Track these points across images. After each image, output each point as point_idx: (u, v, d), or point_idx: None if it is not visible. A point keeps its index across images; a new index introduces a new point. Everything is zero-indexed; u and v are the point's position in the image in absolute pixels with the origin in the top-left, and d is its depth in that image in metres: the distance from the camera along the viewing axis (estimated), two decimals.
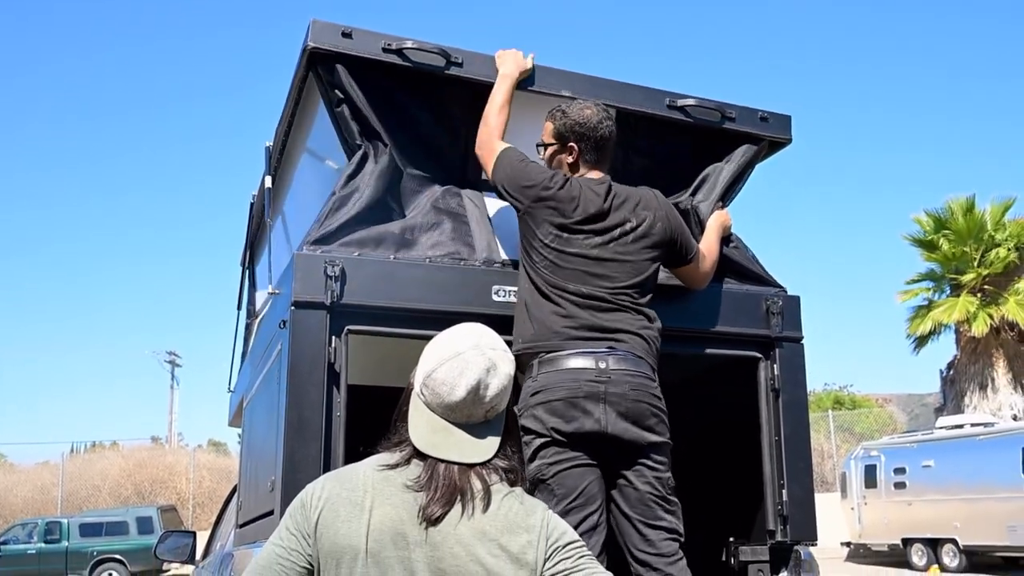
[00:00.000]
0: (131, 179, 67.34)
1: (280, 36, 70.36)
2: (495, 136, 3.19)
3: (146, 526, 20.06)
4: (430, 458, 1.85)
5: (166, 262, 71.99)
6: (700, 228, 3.54)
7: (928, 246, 23.12)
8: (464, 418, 1.87)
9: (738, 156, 3.70)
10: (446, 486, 1.82)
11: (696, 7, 70.45)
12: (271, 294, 3.38)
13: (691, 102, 3.57)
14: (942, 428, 19.09)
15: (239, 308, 5.57)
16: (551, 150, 3.23)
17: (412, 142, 3.33)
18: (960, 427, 18.53)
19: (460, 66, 3.26)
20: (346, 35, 3.14)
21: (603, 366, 2.93)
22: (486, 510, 1.81)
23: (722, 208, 3.62)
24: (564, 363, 2.95)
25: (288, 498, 1.96)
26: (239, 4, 73.24)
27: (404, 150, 3.29)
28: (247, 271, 5.43)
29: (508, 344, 2.01)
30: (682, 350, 3.40)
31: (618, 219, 3.08)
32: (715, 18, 68.12)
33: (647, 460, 2.98)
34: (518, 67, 3.30)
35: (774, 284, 3.63)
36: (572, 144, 3.18)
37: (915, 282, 23.82)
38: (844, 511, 20.21)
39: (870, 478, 19.66)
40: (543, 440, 2.91)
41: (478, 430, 1.88)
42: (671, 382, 3.23)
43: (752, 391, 3.52)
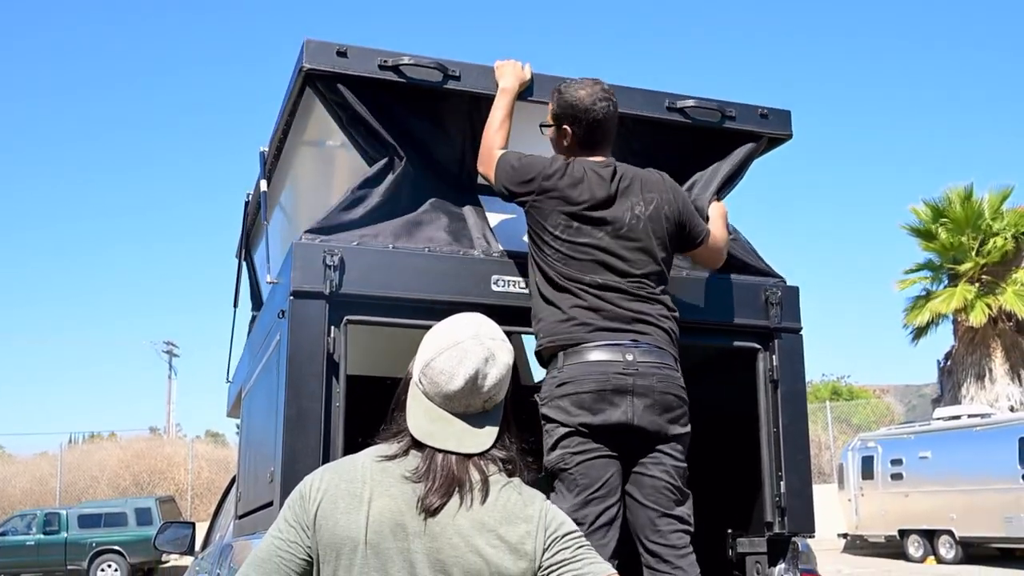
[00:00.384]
0: (129, 168, 67.29)
1: (280, 26, 70.21)
2: (494, 148, 3.18)
3: (145, 517, 20.07)
4: (428, 448, 1.85)
5: (164, 252, 71.91)
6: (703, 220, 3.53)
7: (926, 236, 23.13)
8: (462, 408, 1.87)
9: (738, 153, 3.68)
10: (444, 477, 1.82)
11: None
12: (270, 284, 3.38)
13: (691, 103, 3.54)
14: (939, 419, 19.16)
15: (235, 304, 5.57)
16: (550, 131, 3.22)
17: (416, 152, 3.33)
18: (957, 418, 18.60)
19: (458, 79, 3.24)
20: (341, 54, 3.12)
21: (630, 358, 2.93)
22: (484, 501, 1.81)
23: (718, 201, 3.61)
24: (590, 355, 2.93)
25: (287, 489, 1.96)
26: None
27: (410, 160, 3.29)
28: (243, 264, 5.43)
29: (508, 335, 2.00)
30: (680, 341, 3.40)
31: (626, 205, 3.05)
32: (712, 6, 68.07)
33: (668, 450, 2.99)
34: (517, 79, 3.27)
35: (773, 275, 3.62)
36: (566, 127, 3.15)
37: (913, 272, 23.87)
38: (841, 502, 20.28)
39: (867, 469, 19.72)
40: (567, 430, 2.91)
41: (476, 420, 1.88)
42: None
43: (750, 382, 3.52)
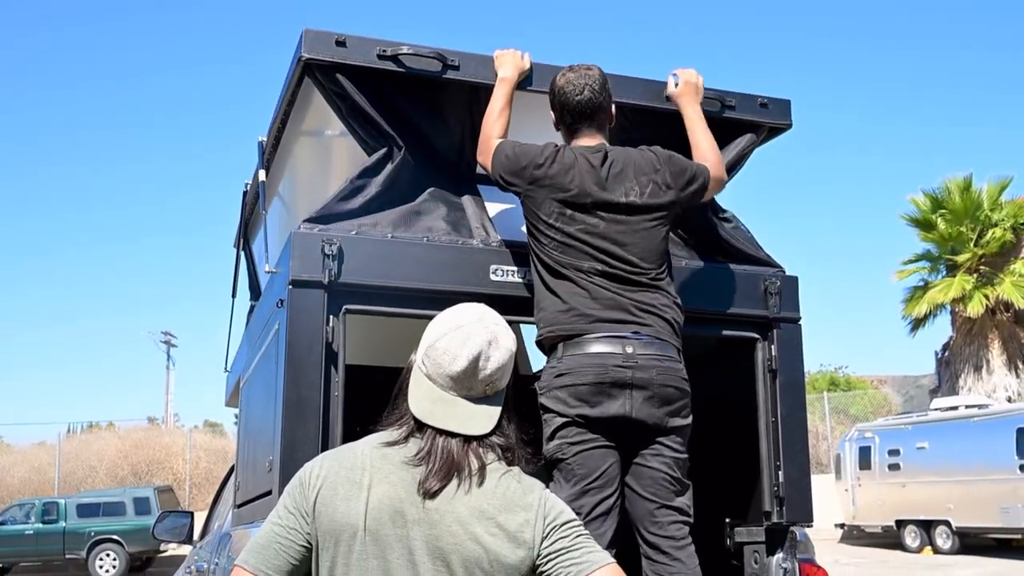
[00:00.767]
0: (127, 156, 67.17)
1: (279, 16, 70.04)
2: (492, 138, 3.17)
3: (143, 506, 20.08)
4: (429, 431, 1.86)
5: (162, 242, 71.85)
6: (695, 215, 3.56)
7: (924, 226, 23.13)
8: (464, 391, 1.88)
9: (737, 143, 3.67)
10: (444, 460, 1.82)
11: None
12: (269, 273, 3.38)
13: None
14: (937, 410, 19.19)
15: (233, 294, 5.57)
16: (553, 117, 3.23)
17: (415, 142, 3.32)
18: (955, 409, 18.63)
19: (457, 69, 3.23)
20: (340, 43, 3.11)
21: (630, 351, 2.91)
22: (483, 488, 1.82)
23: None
24: (590, 347, 2.92)
25: (286, 478, 1.97)
26: None
27: (409, 150, 3.28)
28: (241, 254, 5.43)
29: (508, 324, 2.01)
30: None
31: (620, 190, 3.03)
32: None
33: (667, 442, 2.98)
34: (516, 69, 3.25)
35: (772, 264, 3.62)
36: (553, 112, 3.18)
37: (911, 262, 23.87)
38: (838, 492, 20.33)
39: (864, 460, 19.77)
40: (564, 420, 2.90)
41: (478, 404, 1.89)
42: None
43: (749, 372, 3.52)
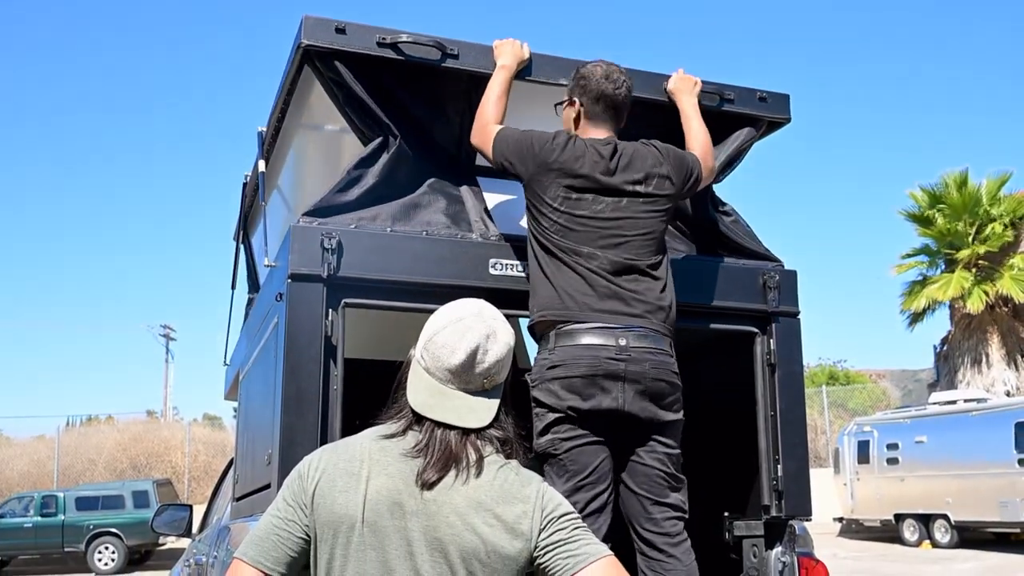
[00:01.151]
0: (125, 151, 67.10)
1: (277, 5, 69.91)
2: (491, 122, 3.16)
3: (142, 500, 20.08)
4: (427, 423, 1.87)
5: (161, 235, 71.87)
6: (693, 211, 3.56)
7: (923, 221, 23.12)
8: (462, 384, 1.89)
9: (736, 137, 3.68)
10: (442, 451, 1.83)
11: None
12: (268, 267, 3.37)
13: None
14: (935, 404, 19.20)
15: (233, 287, 5.57)
16: (564, 107, 3.23)
17: (413, 132, 3.31)
18: (953, 403, 18.63)
19: (456, 58, 3.23)
20: (339, 30, 3.10)
21: (623, 343, 2.90)
22: (481, 480, 1.83)
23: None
24: (583, 338, 2.91)
25: (285, 471, 1.97)
26: None
27: (407, 140, 3.27)
28: (241, 247, 5.42)
29: (507, 318, 2.01)
30: (678, 324, 3.40)
31: (627, 180, 3.04)
32: None
33: (660, 437, 2.98)
34: (516, 58, 3.25)
35: (771, 258, 3.62)
36: (575, 99, 3.18)
37: (910, 256, 23.87)
38: (837, 487, 20.34)
39: (863, 454, 19.78)
40: (557, 415, 2.90)
41: (476, 397, 1.90)
42: None
43: (748, 366, 3.52)
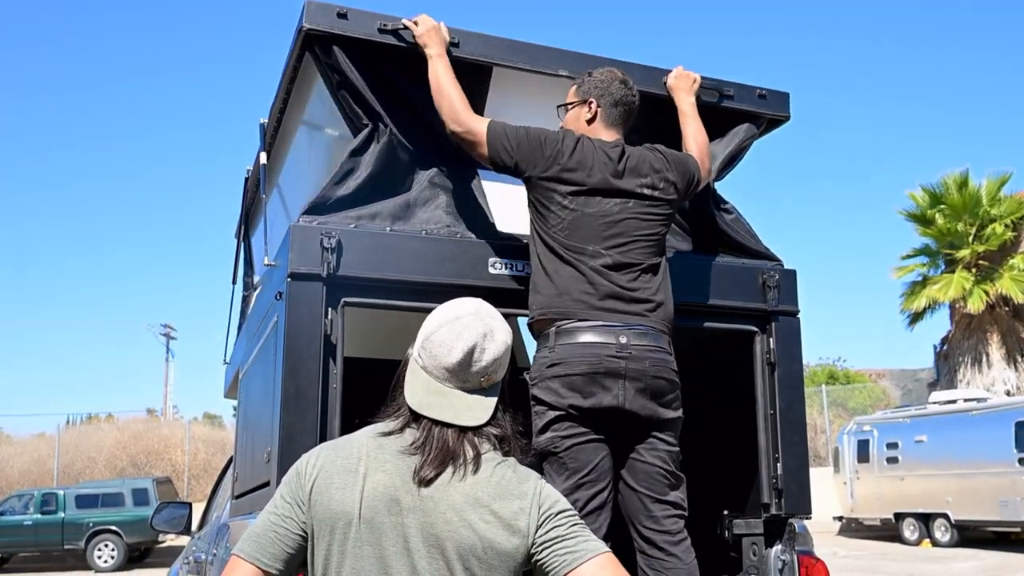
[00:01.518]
0: (126, 149, 67.07)
1: (275, 9, 69.83)
2: (468, 111, 3.10)
3: (142, 498, 20.08)
4: (425, 421, 1.88)
5: (162, 234, 71.85)
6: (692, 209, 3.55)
7: (923, 221, 23.11)
8: (460, 383, 1.89)
9: (736, 134, 3.68)
10: (440, 448, 1.84)
11: None
12: (267, 266, 3.37)
13: None
14: (935, 403, 19.19)
15: (234, 282, 5.56)
16: (572, 108, 3.22)
17: (410, 121, 3.30)
18: (953, 402, 18.62)
19: (457, 46, 3.22)
20: (341, 15, 3.11)
21: (623, 341, 2.91)
22: (478, 477, 1.83)
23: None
24: (583, 336, 2.92)
25: (284, 469, 1.97)
26: None
27: (403, 129, 3.27)
28: (242, 244, 5.42)
29: (504, 318, 2.01)
30: (678, 323, 3.39)
31: (635, 183, 3.06)
32: None
33: (660, 435, 2.99)
34: (443, 43, 3.17)
35: (771, 257, 3.62)
36: (592, 100, 3.18)
37: (910, 257, 23.86)
38: (837, 485, 20.34)
39: (863, 453, 19.77)
40: (557, 413, 2.90)
41: (473, 396, 1.90)
42: None
43: (748, 365, 3.52)
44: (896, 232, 54.96)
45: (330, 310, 2.95)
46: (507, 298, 3.08)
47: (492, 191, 3.42)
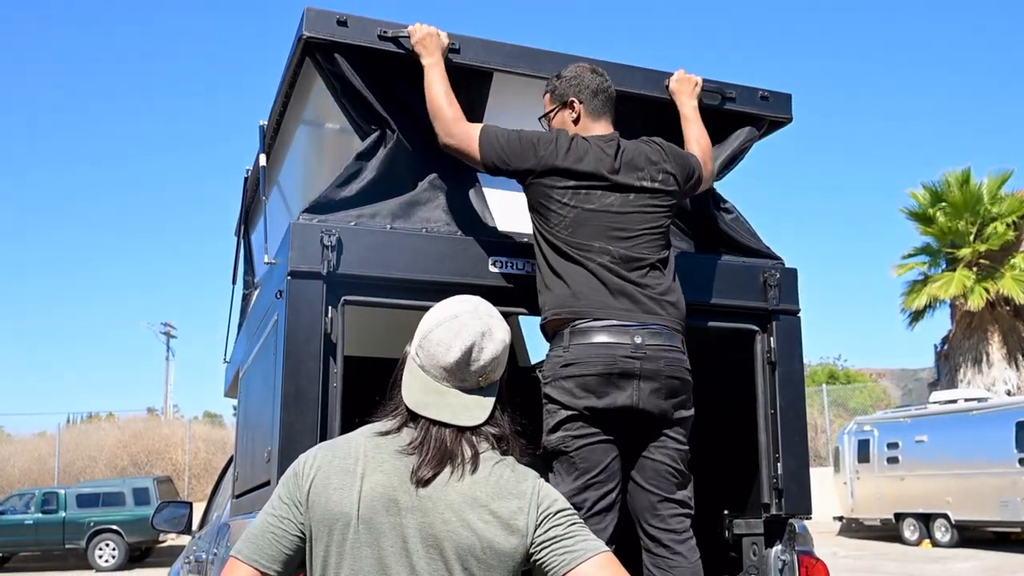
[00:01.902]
0: (126, 149, 67.10)
1: (275, 9, 69.87)
2: (461, 121, 3.08)
3: (142, 497, 20.10)
4: (423, 421, 1.87)
5: (162, 233, 71.87)
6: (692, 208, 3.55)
7: (924, 220, 23.10)
8: (458, 382, 1.88)
9: (738, 136, 3.67)
10: (437, 448, 1.83)
11: None
12: (267, 264, 3.36)
13: None
14: (936, 403, 19.19)
15: (234, 281, 5.56)
16: (555, 115, 3.20)
17: (412, 126, 3.30)
18: (954, 402, 18.61)
19: (457, 52, 3.22)
20: (341, 23, 3.10)
21: (638, 341, 2.90)
22: (476, 476, 1.82)
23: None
24: (597, 337, 2.90)
25: (284, 468, 1.97)
26: None
27: (406, 134, 3.26)
28: (242, 242, 5.42)
29: (504, 316, 2.01)
30: None
31: (632, 176, 3.04)
32: None
33: (671, 433, 2.99)
34: (440, 48, 3.15)
35: (771, 256, 3.62)
36: (572, 99, 3.16)
37: (911, 256, 23.86)
38: (837, 485, 20.34)
39: (863, 453, 19.77)
40: (570, 413, 2.89)
41: (471, 395, 1.89)
42: None
43: (748, 364, 3.52)
44: (897, 231, 54.99)
45: (330, 308, 2.94)
46: (507, 296, 3.08)
47: (493, 191, 3.42)
